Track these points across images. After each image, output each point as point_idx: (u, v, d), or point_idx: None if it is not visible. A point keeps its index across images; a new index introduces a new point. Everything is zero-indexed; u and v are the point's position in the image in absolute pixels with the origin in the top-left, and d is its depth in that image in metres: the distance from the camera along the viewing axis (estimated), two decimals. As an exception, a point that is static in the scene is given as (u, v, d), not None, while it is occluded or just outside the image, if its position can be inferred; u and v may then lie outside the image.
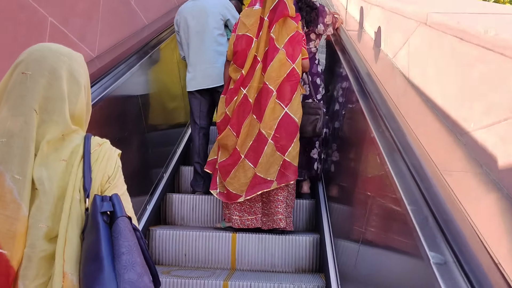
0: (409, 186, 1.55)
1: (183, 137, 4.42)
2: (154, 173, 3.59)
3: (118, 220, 1.13)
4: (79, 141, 1.21)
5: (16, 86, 1.15)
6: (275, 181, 3.08)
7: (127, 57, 3.21)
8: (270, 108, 3.08)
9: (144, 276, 1.09)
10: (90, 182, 1.16)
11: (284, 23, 3.14)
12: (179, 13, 3.72)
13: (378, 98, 2.18)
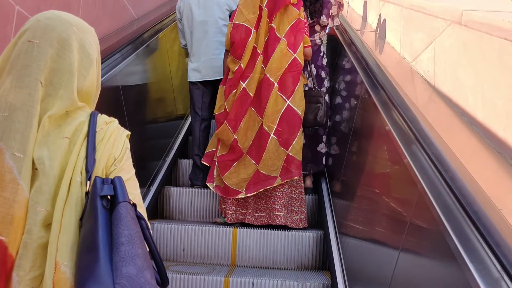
0: (431, 177, 1.45)
1: (181, 130, 4.31)
2: (151, 166, 3.48)
3: (119, 205, 0.99)
4: (84, 118, 1.09)
5: (21, 55, 1.05)
6: (278, 177, 2.99)
7: (121, 46, 3.10)
8: (271, 101, 2.98)
9: (145, 270, 0.95)
10: (94, 163, 1.04)
11: (285, 11, 3.03)
12: (182, 0, 3.59)
13: (401, 105, 1.91)
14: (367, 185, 2.27)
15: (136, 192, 1.13)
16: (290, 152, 2.98)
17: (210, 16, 3.49)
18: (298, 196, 3.12)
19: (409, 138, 1.70)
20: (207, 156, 3.33)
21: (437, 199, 1.34)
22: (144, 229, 1.04)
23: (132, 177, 1.13)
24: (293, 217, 3.08)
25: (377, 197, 2.03)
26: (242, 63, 3.03)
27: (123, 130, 1.14)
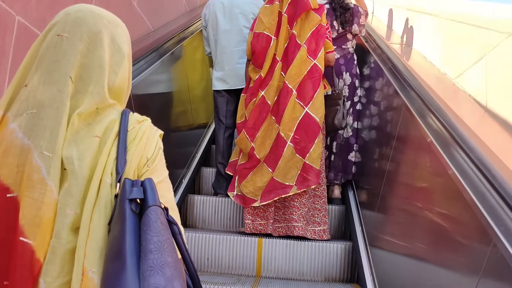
0: (475, 182, 1.38)
1: (204, 138, 4.28)
2: (175, 174, 3.45)
3: (148, 210, 0.93)
4: (115, 117, 1.03)
5: (49, 50, 1.00)
6: (294, 186, 2.92)
7: (146, 54, 3.08)
8: (289, 108, 2.93)
9: (174, 281, 0.87)
10: (124, 164, 0.98)
11: (306, 17, 2.99)
12: (208, 7, 3.58)
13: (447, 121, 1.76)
14: (403, 194, 2.19)
15: (169, 195, 1.06)
16: (307, 160, 2.92)
17: (235, 25, 3.47)
18: (322, 206, 3.04)
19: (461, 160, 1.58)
20: (231, 165, 3.29)
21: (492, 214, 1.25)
22: (176, 234, 0.97)
23: (165, 179, 1.07)
24: (315, 228, 3.00)
25: (416, 209, 1.95)
26: (263, 72, 3.00)
27: (156, 130, 1.08)
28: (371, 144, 3.13)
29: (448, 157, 1.59)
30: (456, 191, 1.46)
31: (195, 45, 4.24)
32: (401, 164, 2.30)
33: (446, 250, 1.54)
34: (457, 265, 1.46)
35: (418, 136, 1.99)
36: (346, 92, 3.44)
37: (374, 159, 2.98)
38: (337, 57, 3.47)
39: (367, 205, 2.92)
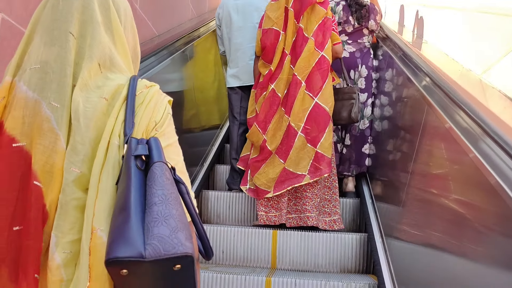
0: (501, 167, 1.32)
1: (218, 137, 4.31)
2: (189, 171, 3.46)
3: (153, 165, 0.93)
4: (123, 82, 1.05)
5: (48, 12, 1.03)
6: (307, 175, 2.94)
7: (157, 51, 3.12)
8: (299, 100, 2.97)
9: (179, 232, 0.87)
10: (132, 127, 0.99)
11: (312, 11, 3.04)
12: (222, 7, 3.64)
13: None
14: (419, 186, 2.17)
15: (178, 158, 1.07)
16: (319, 149, 2.94)
17: (249, 22, 3.52)
18: (332, 197, 3.05)
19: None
20: (242, 160, 3.33)
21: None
22: (184, 194, 0.98)
23: (174, 143, 1.08)
24: (325, 218, 3.01)
25: (434, 199, 1.94)
26: (272, 66, 3.06)
27: (165, 96, 1.09)
28: (389, 136, 3.13)
29: (472, 144, 1.54)
30: (477, 179, 1.43)
31: (208, 47, 4.29)
32: (420, 156, 2.29)
33: (464, 240, 1.52)
34: (474, 255, 1.44)
35: (438, 128, 1.98)
36: (363, 85, 3.49)
37: (391, 151, 2.97)
38: (353, 50, 3.52)
39: (383, 197, 2.91)
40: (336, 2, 3.56)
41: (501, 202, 1.25)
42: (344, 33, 3.55)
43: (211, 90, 4.34)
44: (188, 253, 0.85)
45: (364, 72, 3.48)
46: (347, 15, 3.49)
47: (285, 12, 3.07)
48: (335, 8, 3.53)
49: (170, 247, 0.84)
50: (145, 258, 0.82)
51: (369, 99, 3.48)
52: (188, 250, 0.85)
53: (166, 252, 0.83)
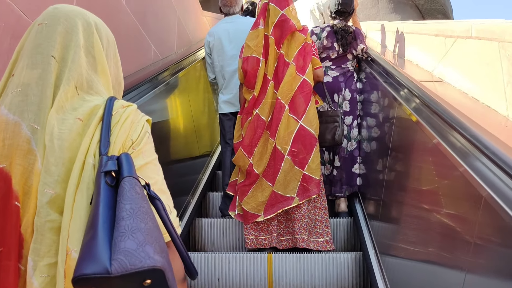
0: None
1: (209, 165, 4.35)
2: (181, 199, 3.49)
3: (123, 180, 0.93)
4: (100, 102, 1.07)
5: (32, 38, 1.07)
6: (296, 197, 3.00)
7: (152, 77, 3.18)
8: (283, 123, 3.05)
9: (147, 245, 0.85)
10: (108, 146, 1.00)
11: (292, 37, 3.16)
12: (212, 34, 3.72)
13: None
14: (412, 203, 2.21)
15: (157, 177, 1.08)
16: (306, 171, 3.01)
17: (240, 50, 3.60)
18: (323, 217, 3.09)
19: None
20: (231, 185, 3.38)
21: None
22: (160, 210, 0.98)
23: (153, 161, 1.09)
24: (318, 239, 3.05)
25: (423, 215, 1.98)
26: (255, 91, 3.15)
27: (143, 115, 1.11)
28: (376, 156, 3.19)
29: (461, 158, 1.58)
30: (468, 194, 1.46)
31: (197, 75, 4.37)
32: (407, 172, 2.34)
33: (455, 254, 1.55)
34: (470, 269, 1.45)
35: (423, 143, 2.04)
36: (348, 107, 3.58)
37: (381, 170, 3.03)
38: (337, 75, 3.63)
39: (375, 215, 2.96)
40: (322, 28, 3.68)
41: (494, 216, 1.27)
42: (328, 59, 3.67)
43: (201, 117, 4.39)
44: (156, 266, 0.82)
45: (348, 95, 3.58)
46: (332, 41, 3.61)
47: (265, 39, 3.18)
48: (320, 35, 3.66)
49: (137, 261, 0.82)
50: (111, 273, 0.81)
51: (354, 121, 3.57)
52: (156, 263, 0.83)
53: (133, 266, 0.81)
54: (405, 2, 10.56)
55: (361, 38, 3.66)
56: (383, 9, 10.41)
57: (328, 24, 3.74)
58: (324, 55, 3.68)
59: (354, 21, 3.98)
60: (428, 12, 10.79)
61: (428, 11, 10.81)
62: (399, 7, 10.48)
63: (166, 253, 0.89)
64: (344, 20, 3.70)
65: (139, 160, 1.03)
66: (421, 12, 10.81)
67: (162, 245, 0.89)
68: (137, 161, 1.02)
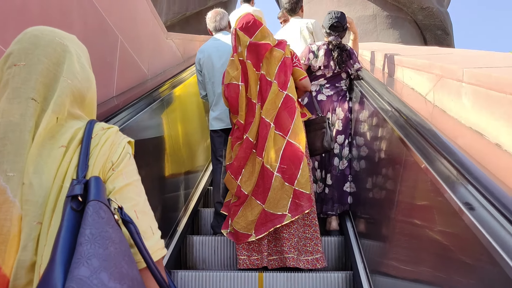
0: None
1: (201, 181, 4.44)
2: (173, 216, 3.58)
3: (87, 205, 0.93)
4: (80, 126, 1.08)
5: (9, 81, 1.05)
6: (288, 214, 3.05)
7: (143, 96, 3.28)
8: (270, 141, 3.14)
9: (102, 272, 0.84)
10: (85, 169, 1.00)
11: (270, 55, 3.25)
12: (202, 51, 3.84)
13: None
14: (400, 222, 2.29)
15: (138, 198, 1.08)
16: (296, 187, 3.06)
17: None
18: (313, 235, 3.15)
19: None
20: (225, 205, 3.46)
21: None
22: (133, 233, 0.98)
23: (135, 182, 1.09)
24: (307, 258, 3.11)
25: (413, 234, 2.05)
26: (240, 118, 3.25)
27: (124, 137, 1.13)
28: (366, 174, 3.29)
29: (448, 186, 1.63)
30: (452, 213, 1.52)
31: (191, 92, 4.48)
32: (398, 192, 2.43)
33: (446, 274, 1.60)
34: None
35: (413, 165, 2.13)
36: (340, 126, 3.70)
37: (369, 188, 3.13)
38: (331, 94, 3.76)
39: (365, 234, 3.05)
40: (318, 46, 3.81)
41: (477, 241, 1.33)
42: (323, 77, 3.80)
43: (193, 134, 4.49)
44: None
45: (340, 114, 3.71)
46: (328, 60, 3.74)
47: (241, 64, 3.28)
48: (317, 53, 3.78)
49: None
50: None
51: (346, 140, 3.68)
52: None
53: None
54: (404, 17, 10.70)
55: (355, 58, 3.80)
56: (381, 24, 10.55)
57: (324, 41, 3.86)
58: (319, 73, 3.80)
59: (354, 45, 4.13)
60: (427, 27, 10.96)
61: (427, 26, 10.96)
62: (397, 22, 10.63)
63: (130, 280, 0.89)
64: (338, 36, 3.83)
65: (119, 182, 1.05)
66: (419, 27, 10.97)
67: (125, 272, 0.89)
68: (117, 183, 1.05)
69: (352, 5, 10.51)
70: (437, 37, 11.05)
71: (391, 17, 10.63)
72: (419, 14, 10.71)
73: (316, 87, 3.80)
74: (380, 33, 10.46)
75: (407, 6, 10.55)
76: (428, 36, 11.08)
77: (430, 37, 11.07)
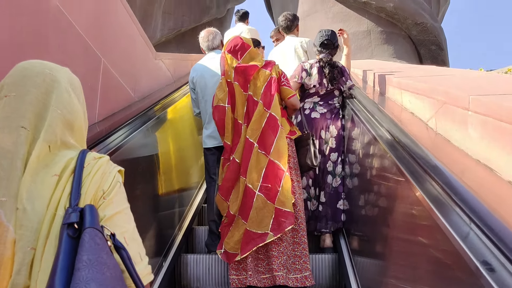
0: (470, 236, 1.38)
1: (195, 199, 4.47)
2: (167, 234, 3.60)
3: (84, 232, 0.98)
4: (73, 155, 1.13)
5: (1, 111, 1.10)
6: (270, 233, 3.08)
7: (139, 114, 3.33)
8: (253, 160, 3.21)
9: None
10: (78, 198, 1.05)
11: (258, 76, 3.34)
12: (195, 70, 3.91)
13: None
14: (393, 240, 2.33)
15: (127, 226, 1.13)
16: (277, 205, 3.10)
17: None
18: (302, 252, 3.18)
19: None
20: (221, 225, 3.51)
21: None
22: (125, 259, 1.03)
23: (124, 210, 1.15)
24: (297, 275, 3.12)
25: (406, 252, 2.09)
26: (227, 139, 3.35)
27: (115, 166, 1.17)
28: (358, 192, 3.34)
29: (437, 210, 1.64)
30: (444, 238, 1.54)
31: (184, 110, 4.53)
32: (391, 210, 2.45)
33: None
34: None
35: (405, 186, 2.17)
36: (334, 144, 3.76)
37: (362, 206, 3.17)
38: (324, 112, 3.83)
39: (358, 251, 3.08)
40: (311, 64, 3.88)
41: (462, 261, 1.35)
42: (316, 95, 3.86)
43: (185, 154, 4.53)
44: None
45: (334, 132, 3.77)
46: (321, 77, 3.82)
47: (229, 86, 3.37)
48: (310, 71, 3.86)
49: None
50: None
51: (339, 157, 3.74)
52: None
53: None
54: (398, 33, 10.83)
55: (346, 75, 3.88)
56: (375, 40, 10.68)
57: (316, 59, 3.94)
58: (313, 91, 3.87)
59: (347, 60, 4.21)
60: (421, 43, 11.08)
61: (421, 42, 11.09)
62: (391, 38, 10.76)
63: None
64: (329, 54, 3.91)
65: (109, 210, 1.10)
66: (414, 43, 11.09)
67: None
68: (107, 211, 1.10)
69: (346, 21, 10.65)
70: (432, 52, 11.17)
71: (385, 32, 10.75)
72: (413, 29, 10.84)
73: (310, 105, 3.87)
74: (374, 48, 10.58)
75: (401, 22, 10.68)
76: (423, 52, 11.20)
77: (425, 52, 11.20)
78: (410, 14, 10.54)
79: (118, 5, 3.38)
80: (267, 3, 14.63)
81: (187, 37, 12.50)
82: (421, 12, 10.70)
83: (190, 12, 12.67)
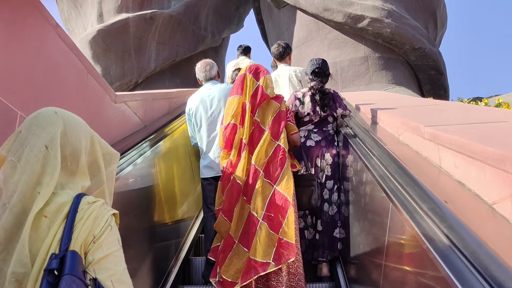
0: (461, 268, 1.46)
1: (192, 229, 4.57)
2: (164, 266, 3.69)
3: (61, 279, 1.04)
4: (67, 200, 1.21)
5: (6, 178, 1.18)
6: (272, 263, 3.17)
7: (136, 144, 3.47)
8: (258, 188, 3.35)
9: None
10: (68, 242, 1.12)
11: (267, 105, 3.59)
12: (191, 102, 4.12)
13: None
14: (389, 267, 2.42)
15: (116, 268, 1.19)
16: (281, 236, 3.21)
17: (217, 115, 3.99)
18: (297, 283, 3.28)
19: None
20: (213, 251, 3.60)
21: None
22: None
23: (114, 252, 1.20)
24: None
25: (403, 280, 2.17)
26: (232, 156, 3.51)
27: (108, 210, 1.25)
28: (354, 219, 3.45)
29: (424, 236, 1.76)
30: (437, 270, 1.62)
31: (181, 141, 4.67)
32: (387, 239, 2.51)
33: None
34: None
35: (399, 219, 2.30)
36: (329, 172, 3.89)
37: (357, 234, 3.29)
38: (319, 139, 3.99)
39: (355, 279, 3.18)
40: (303, 93, 4.07)
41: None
42: (311, 123, 4.03)
43: (182, 182, 4.65)
44: None
45: (329, 160, 3.93)
46: (313, 105, 3.99)
47: (242, 107, 3.59)
48: (303, 99, 4.05)
49: None
50: None
51: (335, 185, 3.89)
52: None
53: None
54: (396, 58, 11.04)
55: (339, 100, 4.05)
56: (373, 66, 10.89)
57: (307, 88, 4.12)
58: (307, 119, 4.04)
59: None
60: (420, 68, 11.28)
61: (420, 67, 11.29)
62: (389, 63, 10.96)
63: None
64: (320, 81, 4.10)
65: (99, 253, 1.17)
66: (412, 68, 11.29)
67: None
68: (97, 254, 1.18)
69: (343, 47, 10.89)
70: (431, 77, 11.38)
71: (383, 58, 10.94)
72: (412, 55, 11.05)
73: (305, 133, 4.03)
74: (372, 74, 10.78)
75: (398, 47, 10.90)
76: (422, 77, 11.40)
77: (424, 77, 11.40)
78: (408, 39, 10.76)
79: (50, 46, 2.63)
80: (262, 31, 14.96)
81: (182, 67, 12.73)
82: (418, 37, 10.92)
83: (185, 41, 12.92)
